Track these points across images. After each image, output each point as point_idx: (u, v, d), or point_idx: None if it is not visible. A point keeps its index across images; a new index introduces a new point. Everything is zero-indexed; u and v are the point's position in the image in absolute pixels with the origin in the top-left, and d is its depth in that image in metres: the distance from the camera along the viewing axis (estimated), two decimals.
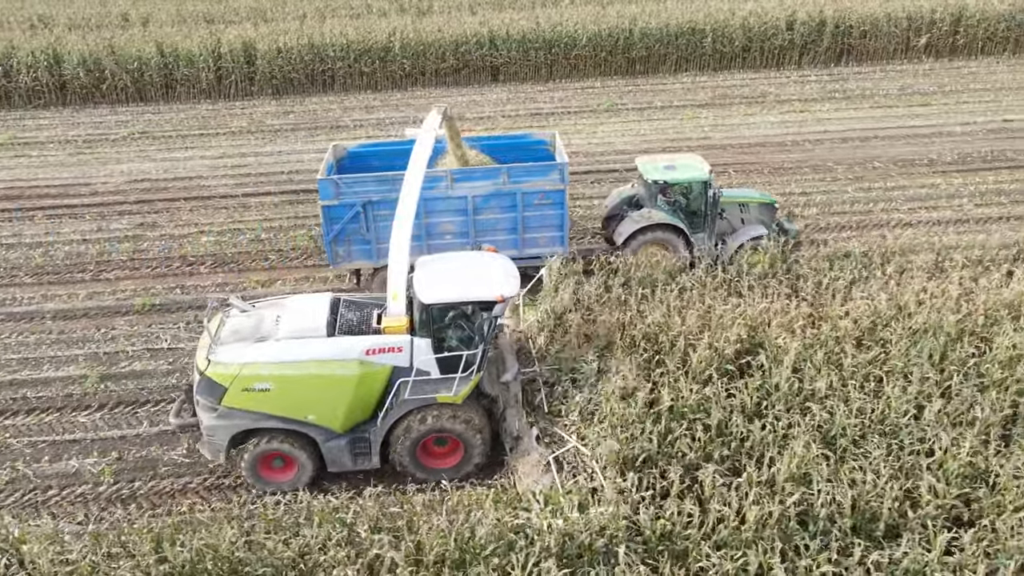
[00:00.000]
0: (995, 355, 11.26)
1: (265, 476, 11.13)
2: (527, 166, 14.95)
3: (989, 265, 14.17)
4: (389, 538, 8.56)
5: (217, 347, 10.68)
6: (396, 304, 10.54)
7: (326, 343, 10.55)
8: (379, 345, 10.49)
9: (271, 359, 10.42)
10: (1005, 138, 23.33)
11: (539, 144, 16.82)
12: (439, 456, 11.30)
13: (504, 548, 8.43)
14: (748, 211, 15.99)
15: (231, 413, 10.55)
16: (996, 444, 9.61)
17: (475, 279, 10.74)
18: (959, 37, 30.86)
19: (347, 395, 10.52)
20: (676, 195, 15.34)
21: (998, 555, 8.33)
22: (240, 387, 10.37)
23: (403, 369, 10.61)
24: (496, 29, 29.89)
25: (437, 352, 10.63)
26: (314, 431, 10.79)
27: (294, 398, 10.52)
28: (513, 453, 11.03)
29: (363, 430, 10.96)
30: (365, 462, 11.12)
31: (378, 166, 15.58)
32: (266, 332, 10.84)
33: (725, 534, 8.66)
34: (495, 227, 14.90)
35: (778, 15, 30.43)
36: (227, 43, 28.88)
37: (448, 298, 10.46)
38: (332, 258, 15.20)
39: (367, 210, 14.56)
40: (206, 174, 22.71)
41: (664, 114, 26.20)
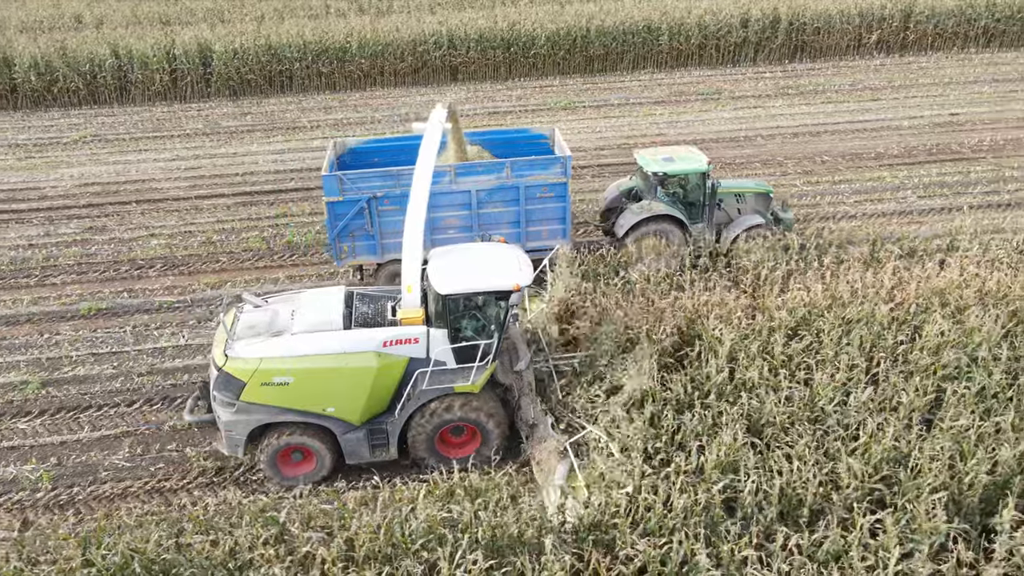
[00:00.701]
0: (924, 342, 11.56)
1: (284, 470, 11.13)
2: (530, 160, 14.98)
3: (923, 255, 14.51)
4: (321, 535, 8.59)
5: (234, 342, 10.67)
6: (411, 296, 10.62)
7: (344, 336, 10.58)
8: (396, 337, 10.56)
9: (290, 353, 10.42)
10: (950, 131, 23.89)
11: (539, 139, 16.96)
12: (456, 445, 11.38)
13: (435, 542, 8.51)
14: (745, 201, 16.26)
15: (250, 408, 10.56)
16: (918, 429, 9.87)
17: (490, 269, 10.83)
18: (909, 33, 31.51)
19: (365, 387, 10.57)
20: (674, 186, 15.59)
21: (915, 537, 8.56)
22: (259, 381, 10.37)
23: (419, 360, 10.69)
24: (454, 29, 29.94)
25: (453, 342, 10.71)
26: (332, 424, 10.83)
27: (313, 391, 10.54)
28: (529, 441, 11.20)
29: (380, 422, 11.03)
30: (383, 453, 11.17)
31: (379, 162, 15.60)
32: (282, 326, 10.86)
33: (653, 522, 8.82)
34: (498, 221, 14.96)
35: (733, 12, 30.83)
36: (182, 44, 28.60)
37: (465, 288, 10.53)
38: (336, 255, 15.17)
39: (371, 206, 14.60)
40: (159, 177, 22.49)
41: (620, 111, 26.43)
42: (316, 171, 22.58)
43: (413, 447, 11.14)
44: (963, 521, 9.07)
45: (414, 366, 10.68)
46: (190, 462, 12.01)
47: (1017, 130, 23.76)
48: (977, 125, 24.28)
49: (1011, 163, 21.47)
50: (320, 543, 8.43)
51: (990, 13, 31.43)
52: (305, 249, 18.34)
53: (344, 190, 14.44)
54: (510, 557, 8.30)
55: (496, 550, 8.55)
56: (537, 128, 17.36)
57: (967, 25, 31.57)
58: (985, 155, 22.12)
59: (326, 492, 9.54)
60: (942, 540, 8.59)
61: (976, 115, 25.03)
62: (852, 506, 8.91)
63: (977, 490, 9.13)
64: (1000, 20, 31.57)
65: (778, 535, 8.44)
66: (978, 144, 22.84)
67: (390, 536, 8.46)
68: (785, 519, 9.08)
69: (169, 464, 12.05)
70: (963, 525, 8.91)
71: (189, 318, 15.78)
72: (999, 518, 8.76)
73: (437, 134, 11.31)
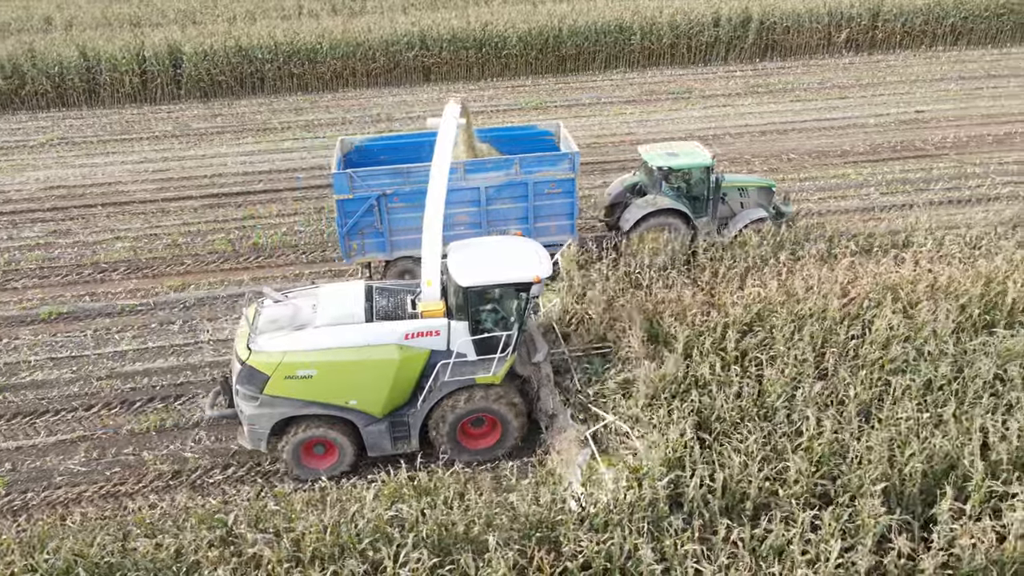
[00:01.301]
0: (874, 337, 11.72)
1: (307, 463, 11.19)
2: (539, 156, 15.10)
3: (878, 251, 14.70)
4: (268, 537, 8.60)
5: (256, 336, 10.72)
6: (431, 289, 10.72)
7: (366, 329, 10.66)
8: (418, 329, 10.66)
9: (313, 346, 10.49)
10: (915, 128, 24.17)
11: (544, 135, 17.06)
12: (477, 437, 11.51)
13: (383, 540, 8.54)
14: (747, 195, 16.48)
15: (274, 401, 10.62)
16: (858, 421, 10.01)
17: (510, 262, 10.96)
18: (878, 32, 31.83)
19: (388, 379, 10.66)
20: (679, 181, 15.77)
21: (858, 531, 8.69)
22: (283, 375, 10.42)
23: (440, 352, 10.80)
24: (427, 29, 29.93)
25: (473, 335, 10.81)
26: (355, 416, 10.91)
27: (336, 384, 10.62)
28: (549, 431, 11.29)
29: (401, 414, 11.11)
30: (405, 445, 11.25)
31: (385, 159, 15.64)
32: (304, 320, 10.94)
33: (602, 518, 8.90)
34: (507, 217, 15.01)
35: (704, 12, 31.02)
36: (151, 46, 28.41)
37: (486, 281, 10.64)
38: (345, 252, 15.18)
39: (381, 203, 14.63)
40: (126, 179, 22.35)
41: (591, 111, 26.53)
42: (285, 172, 22.59)
43: (435, 438, 11.26)
44: (905, 512, 9.23)
45: (435, 358, 10.81)
46: (146, 466, 11.97)
47: (980, 127, 24.08)
48: (942, 122, 24.58)
49: (973, 159, 21.76)
50: (267, 544, 8.44)
51: (958, 11, 31.80)
52: (271, 251, 18.30)
53: (354, 187, 14.48)
54: (455, 555, 8.34)
55: (443, 548, 8.61)
56: (542, 124, 17.53)
57: (935, 23, 31.93)
58: (948, 152, 22.40)
59: (276, 493, 9.50)
60: (884, 532, 8.75)
61: (941, 112, 25.34)
62: (793, 501, 9.02)
63: (916, 481, 9.28)
64: (968, 18, 31.95)
65: (720, 529, 8.55)
66: (942, 141, 23.13)
67: (336, 536, 8.48)
68: (730, 514, 9.19)
69: (125, 468, 12.00)
70: (904, 516, 9.06)
71: (152, 321, 15.71)
72: (939, 508, 8.92)
73: (452, 130, 11.42)
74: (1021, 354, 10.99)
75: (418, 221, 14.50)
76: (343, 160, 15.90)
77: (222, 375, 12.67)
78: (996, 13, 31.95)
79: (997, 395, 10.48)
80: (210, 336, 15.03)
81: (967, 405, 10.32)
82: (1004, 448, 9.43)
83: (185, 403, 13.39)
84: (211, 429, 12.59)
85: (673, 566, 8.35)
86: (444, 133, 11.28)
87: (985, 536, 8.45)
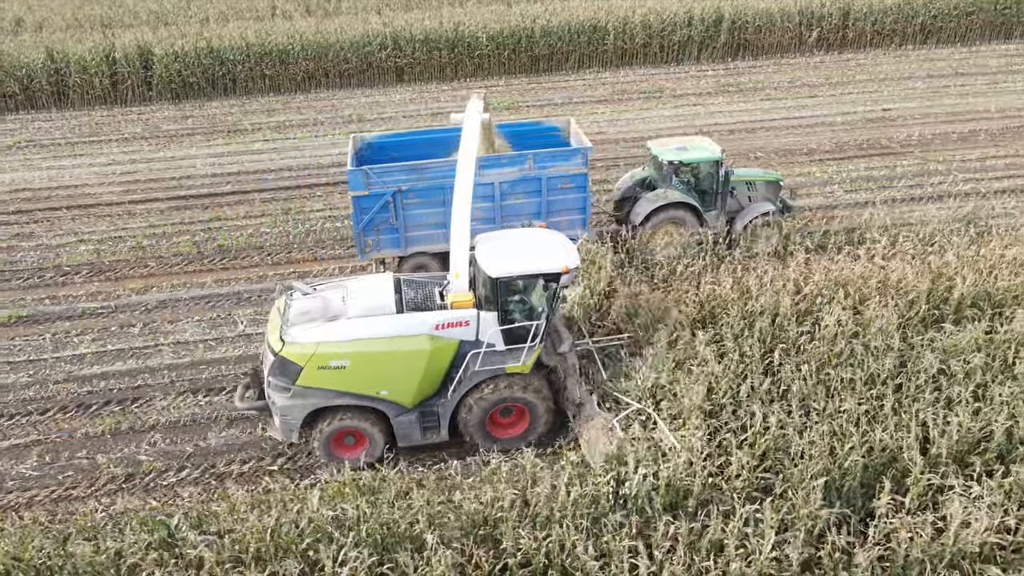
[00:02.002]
0: (823, 332, 11.85)
1: (337, 454, 11.31)
2: (552, 151, 15.18)
3: (832, 248, 14.85)
4: (210, 539, 8.61)
5: (289, 328, 10.80)
6: (459, 281, 10.86)
7: (397, 320, 10.80)
8: (448, 320, 10.80)
9: (346, 337, 10.62)
10: (881, 127, 24.40)
11: (553, 131, 17.15)
12: (505, 426, 11.63)
13: (324, 540, 8.57)
14: (755, 189, 16.66)
15: (306, 392, 10.72)
16: (800, 415, 10.12)
17: (539, 253, 11.10)
18: (848, 31, 32.09)
19: (419, 369, 10.80)
20: (688, 175, 15.93)
21: (794, 523, 8.79)
22: (316, 365, 10.54)
23: (470, 343, 10.95)
24: (399, 30, 29.92)
25: (502, 325, 10.95)
26: (386, 406, 11.04)
27: (368, 374, 10.75)
28: (576, 420, 11.38)
29: (431, 404, 11.23)
30: (434, 435, 11.39)
31: (396, 156, 15.68)
32: (336, 312, 11.06)
33: (544, 515, 8.96)
34: (520, 212, 15.05)
35: (677, 11, 31.17)
36: (121, 48, 28.24)
37: (516, 272, 10.79)
38: (361, 248, 15.21)
39: (396, 199, 14.69)
40: (92, 182, 22.22)
41: (562, 111, 26.59)
42: (254, 174, 22.53)
43: (464, 428, 11.37)
44: (846, 506, 9.35)
45: (464, 348, 10.97)
46: (99, 469, 11.93)
47: (945, 124, 24.35)
48: (908, 120, 24.83)
49: (937, 157, 22.00)
50: (207, 546, 8.44)
51: (927, 10, 32.12)
52: (236, 253, 18.26)
53: (370, 184, 14.53)
54: (396, 554, 8.38)
55: (385, 547, 8.65)
56: (551, 120, 17.62)
57: (905, 22, 32.22)
58: (913, 149, 22.64)
59: (220, 495, 9.51)
60: (823, 525, 8.85)
61: (907, 110, 25.59)
62: (734, 495, 9.12)
63: (856, 474, 9.40)
64: (937, 17, 32.26)
65: (659, 525, 8.62)
66: (907, 139, 23.37)
67: (277, 537, 8.50)
68: (674, 510, 9.27)
69: (78, 472, 11.95)
70: (844, 510, 9.18)
71: (112, 324, 15.65)
72: (877, 501, 9.04)
73: (477, 124, 11.49)
74: (964, 349, 11.14)
75: (433, 217, 14.90)
76: (356, 157, 15.94)
77: (252, 367, 12.91)
78: (965, 12, 32.29)
79: (939, 389, 10.61)
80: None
81: (909, 400, 10.45)
82: (944, 442, 9.57)
83: (142, 406, 13.36)
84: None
85: (611, 563, 8.42)
86: (468, 128, 11.40)
87: (923, 529, 8.58)
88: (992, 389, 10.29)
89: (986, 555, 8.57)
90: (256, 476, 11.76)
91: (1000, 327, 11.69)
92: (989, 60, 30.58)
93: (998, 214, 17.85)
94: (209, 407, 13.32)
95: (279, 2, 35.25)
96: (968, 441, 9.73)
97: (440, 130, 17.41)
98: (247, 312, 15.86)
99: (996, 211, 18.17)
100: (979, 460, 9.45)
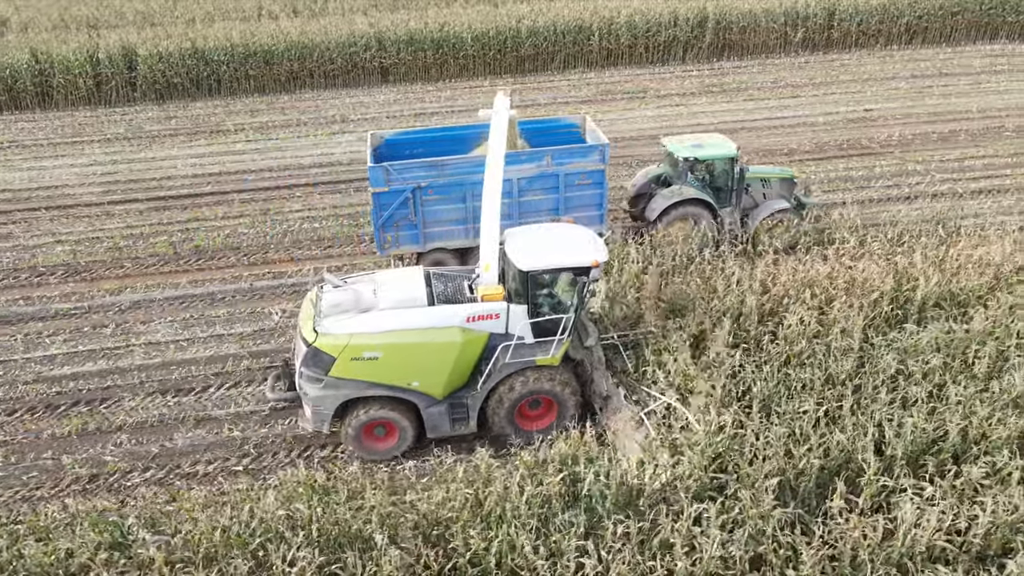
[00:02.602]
0: (785, 332, 11.88)
1: (368, 445, 11.45)
2: (570, 148, 15.25)
3: (800, 248, 14.88)
4: (163, 539, 8.63)
5: (322, 320, 10.93)
6: (489, 274, 11.01)
7: (429, 312, 10.96)
8: (479, 312, 10.94)
9: (379, 328, 10.75)
10: (862, 127, 24.44)
11: (570, 127, 17.21)
12: (533, 418, 11.74)
13: (276, 539, 8.59)
14: (770, 186, 16.79)
15: (338, 383, 10.88)
16: (761, 417, 10.16)
17: (569, 247, 11.22)
18: (834, 31, 32.14)
19: (450, 361, 10.93)
20: (703, 171, 16.06)
21: (745, 523, 8.82)
22: (349, 356, 10.69)
23: (499, 335, 11.08)
24: (384, 30, 29.93)
25: (531, 318, 11.06)
26: (416, 397, 11.19)
27: (400, 366, 10.88)
28: (603, 412, 11.46)
29: (460, 396, 11.36)
30: (463, 427, 11.54)
31: (412, 153, 15.75)
32: (368, 304, 11.20)
33: (496, 515, 8.99)
34: (538, 208, 15.11)
35: (662, 12, 31.20)
36: (105, 48, 28.24)
37: (547, 265, 10.88)
38: (380, 245, 15.28)
39: (416, 196, 14.76)
40: (73, 182, 22.23)
41: (545, 111, 26.57)
42: (234, 174, 22.54)
43: (493, 420, 11.48)
44: (801, 506, 9.38)
45: (494, 341, 11.09)
46: (64, 470, 11.95)
47: (926, 125, 24.40)
48: (889, 120, 24.87)
49: (916, 157, 22.04)
50: (156, 546, 8.46)
51: (912, 11, 32.17)
52: (212, 253, 18.28)
53: (389, 180, 14.59)
54: (344, 554, 8.40)
55: (340, 546, 8.67)
56: (569, 117, 17.72)
57: (890, 23, 32.27)
58: (893, 150, 22.68)
59: (173, 495, 9.53)
60: (774, 526, 8.87)
61: (889, 111, 25.63)
62: (683, 494, 9.14)
63: (811, 475, 9.43)
64: (922, 17, 32.33)
65: (608, 524, 8.65)
66: (887, 139, 23.41)
67: (227, 537, 8.52)
68: (626, 508, 9.29)
69: (43, 472, 11.97)
70: (798, 510, 9.20)
71: (84, 324, 15.66)
72: (829, 502, 9.08)
73: (504, 120, 11.57)
74: (923, 349, 11.18)
75: (451, 213, 15.06)
76: (374, 154, 15.98)
77: (283, 359, 12.88)
78: (950, 12, 32.35)
79: (896, 390, 10.64)
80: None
81: (868, 400, 10.48)
82: (899, 443, 9.60)
83: (110, 406, 13.38)
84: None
85: (559, 562, 8.44)
86: (497, 124, 11.50)
87: (873, 531, 8.60)
88: (948, 389, 10.31)
89: (936, 556, 8.61)
90: (221, 476, 11.82)
91: (961, 327, 11.71)
92: (973, 60, 30.63)
93: (967, 215, 17.88)
94: (177, 407, 13.35)
95: (266, 3, 35.25)
96: (923, 442, 9.76)
97: (456, 127, 17.56)
98: (219, 312, 15.90)
99: (968, 212, 18.20)
100: (933, 460, 9.48)
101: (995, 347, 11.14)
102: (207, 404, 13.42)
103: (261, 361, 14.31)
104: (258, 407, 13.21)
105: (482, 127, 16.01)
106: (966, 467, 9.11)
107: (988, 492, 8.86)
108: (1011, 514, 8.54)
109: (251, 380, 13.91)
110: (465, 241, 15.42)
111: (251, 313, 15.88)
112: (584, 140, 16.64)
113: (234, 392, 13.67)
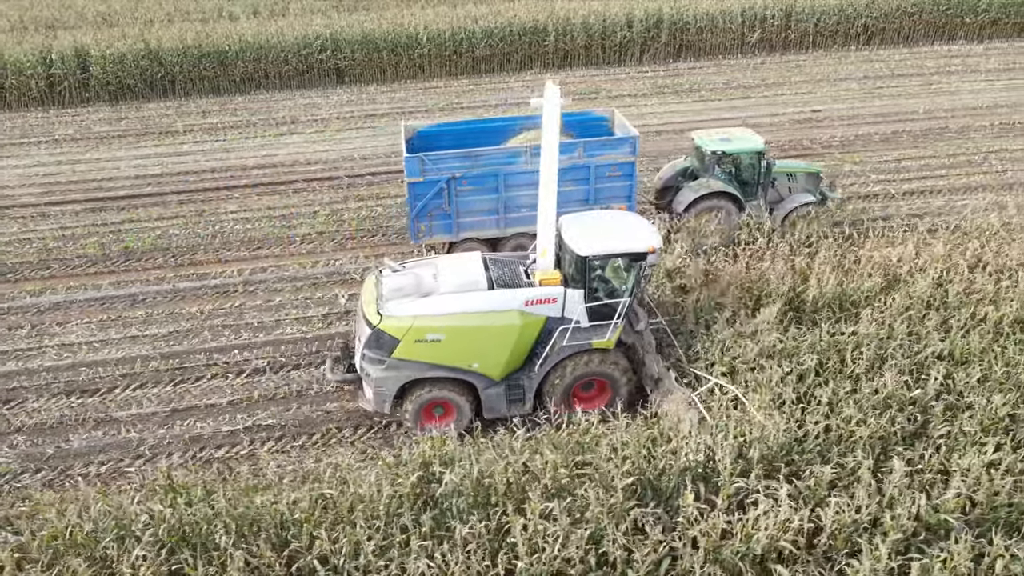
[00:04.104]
0: None
1: (427, 424, 11.80)
2: (602, 140, 15.60)
3: (709, 249, 14.95)
4: (11, 537, 8.68)
5: (385, 303, 11.21)
6: (545, 260, 11.36)
7: (490, 296, 11.29)
8: (537, 296, 11.27)
9: (442, 311, 11.10)
10: (807, 128, 24.50)
11: (600, 120, 17.46)
12: (586, 399, 12.00)
13: (129, 539, 8.63)
14: (796, 180, 17.07)
15: (400, 364, 11.25)
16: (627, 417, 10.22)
17: (625, 233, 11.61)
18: (791, 32, 32.20)
19: (509, 344, 11.29)
20: (730, 165, 16.33)
21: (598, 521, 8.85)
22: (413, 338, 11.05)
23: (555, 319, 11.40)
24: (339, 31, 29.98)
25: (587, 302, 11.36)
26: (476, 379, 11.53)
27: (461, 348, 11.23)
28: (654, 394, 11.71)
29: (517, 377, 11.70)
30: (519, 407, 11.86)
31: (443, 144, 15.91)
32: (429, 288, 11.55)
33: (345, 516, 9.02)
34: (569, 199, 15.12)
35: (618, 13, 31.25)
36: (58, 50, 28.27)
37: (605, 250, 11.22)
38: (414, 234, 15.54)
39: (450, 186, 14.98)
40: (13, 184, 22.27)
41: (496, 112, 26.65)
42: (176, 175, 22.57)
43: (549, 401, 11.76)
44: (661, 506, 9.41)
45: (551, 324, 11.41)
46: None
47: (871, 126, 24.46)
48: (835, 122, 24.93)
49: (854, 158, 22.10)
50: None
51: (870, 11, 32.24)
52: (141, 254, 18.32)
53: (425, 171, 14.84)
54: (189, 555, 8.44)
55: (188, 545, 8.70)
56: (598, 110, 18.04)
57: (847, 23, 32.34)
58: (833, 151, 22.74)
59: (27, 495, 9.56)
60: (628, 526, 8.91)
61: (836, 112, 25.70)
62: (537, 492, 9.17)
63: (672, 476, 9.47)
64: (879, 18, 32.40)
65: (457, 525, 8.69)
66: (829, 140, 23.47)
67: (71, 537, 8.56)
68: (487, 508, 9.32)
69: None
70: (656, 510, 9.23)
71: (1, 326, 15.69)
72: (682, 501, 9.12)
73: (557, 109, 11.67)
74: (801, 351, 11.24)
75: (485, 204, 15.45)
76: (408, 145, 16.18)
77: (342, 341, 13.45)
78: (907, 12, 32.43)
79: None
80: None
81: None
82: (758, 445, 9.65)
83: (13, 408, 13.42)
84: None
85: (407, 562, 8.48)
86: (548, 114, 11.65)
87: (714, 530, 8.64)
88: (815, 390, 10.37)
89: (785, 557, 8.65)
90: (112, 477, 11.87)
91: (845, 329, 11.77)
92: (928, 61, 30.70)
93: (892, 215, 17.95)
94: (80, 409, 13.39)
95: (226, 4, 35.28)
96: (786, 443, 9.80)
97: (488, 120, 17.97)
98: (137, 314, 15.94)
99: (895, 213, 18.29)
100: (792, 461, 9.53)
101: (875, 349, 11.19)
102: (110, 405, 13.46)
103: (171, 363, 14.37)
104: (159, 408, 13.28)
105: (512, 120, 16.80)
106: (815, 467, 9.15)
107: (836, 493, 8.90)
108: (855, 514, 8.58)
109: (158, 381, 13.97)
110: (497, 231, 15.84)
111: (169, 314, 15.93)
112: (613, 133, 16.91)
113: (139, 393, 13.72)
